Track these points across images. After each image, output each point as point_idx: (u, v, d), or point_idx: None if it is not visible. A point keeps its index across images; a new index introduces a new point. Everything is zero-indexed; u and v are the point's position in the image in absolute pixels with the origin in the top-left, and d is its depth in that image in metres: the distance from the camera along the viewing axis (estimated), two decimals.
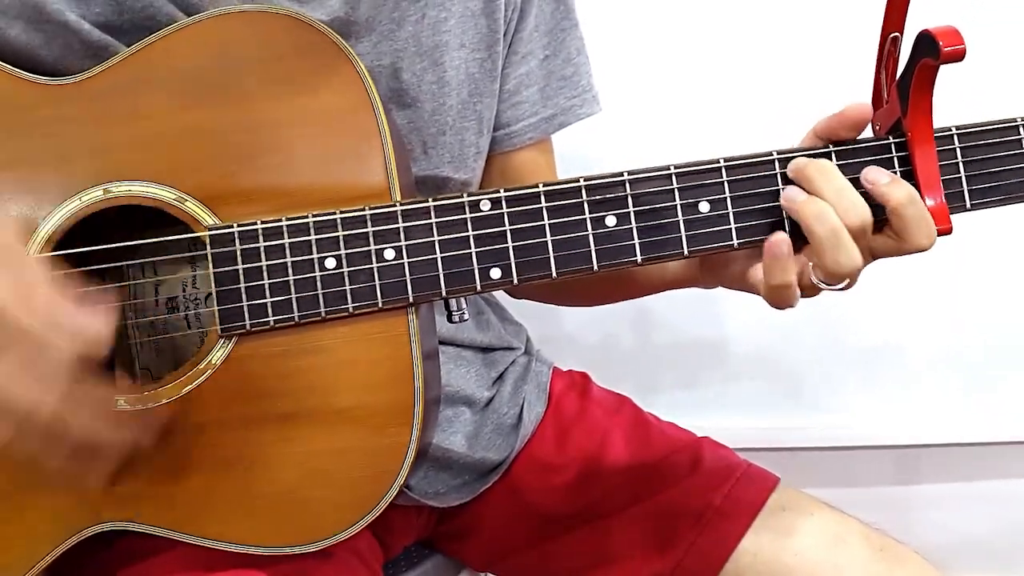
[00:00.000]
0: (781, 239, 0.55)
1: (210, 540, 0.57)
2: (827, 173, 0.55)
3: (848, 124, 0.57)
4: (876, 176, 0.55)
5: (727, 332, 1.14)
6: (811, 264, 0.56)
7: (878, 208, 0.55)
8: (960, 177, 0.56)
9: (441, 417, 0.72)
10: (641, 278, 0.72)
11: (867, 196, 0.55)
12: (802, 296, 0.57)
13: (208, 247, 0.56)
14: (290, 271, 0.56)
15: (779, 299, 0.57)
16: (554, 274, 0.57)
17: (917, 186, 0.55)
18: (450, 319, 0.59)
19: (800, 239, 0.55)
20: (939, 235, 0.55)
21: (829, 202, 0.54)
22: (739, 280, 0.60)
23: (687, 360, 1.16)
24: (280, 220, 0.56)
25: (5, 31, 0.59)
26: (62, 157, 0.57)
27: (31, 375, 0.47)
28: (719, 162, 0.56)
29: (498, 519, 0.77)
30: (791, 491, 0.74)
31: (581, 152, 0.85)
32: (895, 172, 0.56)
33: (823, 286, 0.56)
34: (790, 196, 0.55)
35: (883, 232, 0.56)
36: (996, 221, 1.00)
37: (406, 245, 0.56)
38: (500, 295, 0.86)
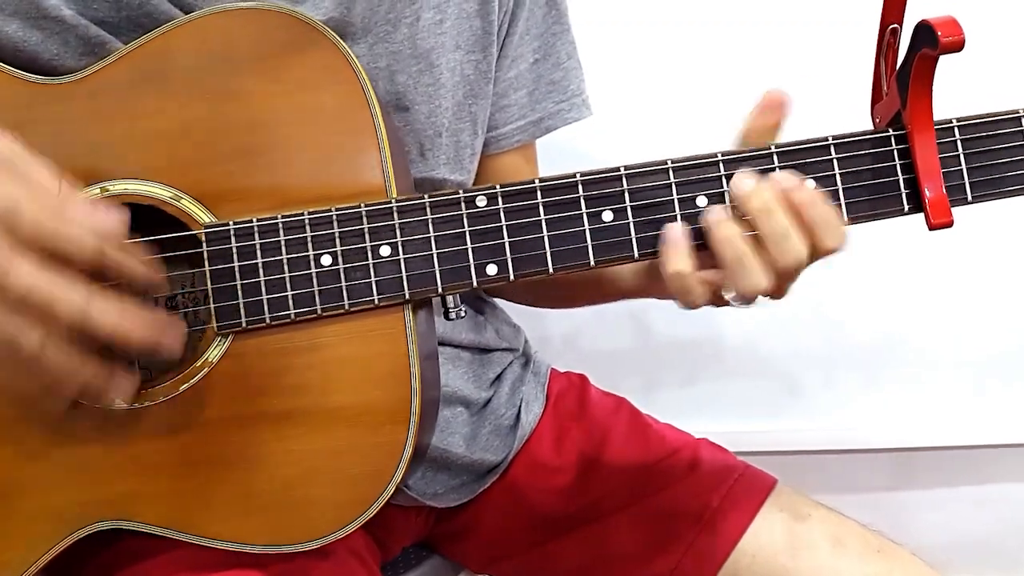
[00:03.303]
0: (676, 226, 0.54)
1: (207, 539, 0.57)
2: (773, 214, 0.53)
3: (765, 108, 0.56)
4: (784, 182, 0.53)
5: (725, 336, 1.14)
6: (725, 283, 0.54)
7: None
8: (961, 169, 0.56)
9: (439, 418, 0.72)
10: (600, 285, 0.72)
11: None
12: (715, 305, 0.56)
13: (204, 244, 0.56)
14: (286, 268, 0.56)
15: (678, 289, 0.55)
16: (551, 270, 0.56)
17: (917, 178, 0.55)
18: (447, 316, 0.59)
19: None
20: (940, 228, 0.55)
21: (768, 241, 0.52)
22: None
23: (685, 363, 1.15)
24: (276, 217, 0.56)
25: (2, 28, 0.59)
26: (58, 156, 0.56)
27: (50, 273, 0.46)
28: (716, 156, 0.56)
29: (496, 520, 0.77)
30: (789, 492, 0.74)
31: (577, 151, 0.85)
32: (895, 165, 0.56)
33: (735, 304, 0.55)
34: (709, 217, 0.54)
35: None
36: (997, 226, 1.00)
37: (402, 242, 0.56)
38: None
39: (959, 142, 0.56)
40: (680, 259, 0.54)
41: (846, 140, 0.56)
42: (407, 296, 0.56)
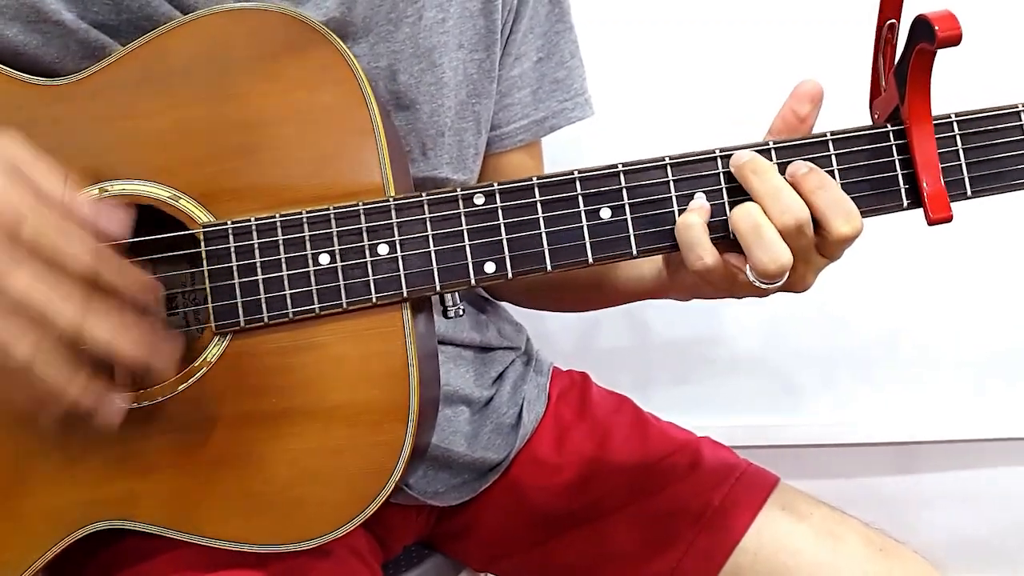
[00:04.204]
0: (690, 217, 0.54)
1: (206, 538, 0.57)
2: (762, 174, 0.53)
3: (803, 98, 0.56)
4: (795, 169, 0.54)
5: (726, 330, 1.14)
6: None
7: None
8: (960, 164, 0.55)
9: (440, 417, 0.72)
10: (617, 285, 0.71)
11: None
12: (748, 296, 0.57)
13: (202, 244, 0.56)
14: (284, 267, 0.56)
15: (687, 242, 0.54)
16: (549, 268, 0.56)
17: (916, 173, 0.54)
18: (445, 315, 0.59)
19: None
20: (939, 223, 0.54)
21: (764, 202, 0.53)
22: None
23: (686, 358, 1.15)
24: (274, 216, 0.56)
25: (2, 31, 0.59)
26: (57, 157, 0.56)
27: (48, 282, 0.45)
28: (715, 152, 0.56)
29: (498, 518, 0.77)
30: (791, 491, 0.74)
31: (579, 150, 0.85)
32: (893, 160, 0.55)
33: (757, 283, 0.54)
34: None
35: (816, 229, 0.54)
36: (996, 221, 1.00)
37: (399, 240, 0.56)
38: None
39: (958, 137, 0.55)
40: (701, 213, 0.54)
41: (844, 135, 0.56)
42: (405, 295, 0.56)
